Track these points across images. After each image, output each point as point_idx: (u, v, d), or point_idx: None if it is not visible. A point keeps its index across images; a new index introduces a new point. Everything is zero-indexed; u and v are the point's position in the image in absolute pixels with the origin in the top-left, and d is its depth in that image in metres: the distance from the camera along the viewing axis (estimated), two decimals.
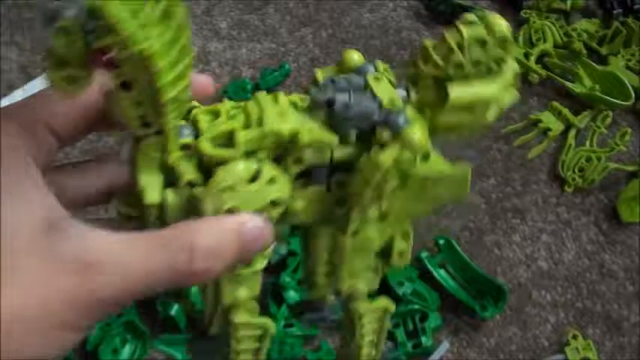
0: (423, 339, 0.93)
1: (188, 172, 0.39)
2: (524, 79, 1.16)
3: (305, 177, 0.42)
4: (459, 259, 0.98)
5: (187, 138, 0.40)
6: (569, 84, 1.14)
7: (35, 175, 0.37)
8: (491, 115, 0.42)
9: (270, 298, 0.97)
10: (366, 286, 0.48)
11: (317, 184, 0.42)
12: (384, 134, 0.39)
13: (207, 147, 0.39)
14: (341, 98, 0.40)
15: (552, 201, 1.06)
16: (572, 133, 1.10)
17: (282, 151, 0.40)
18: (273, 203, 0.40)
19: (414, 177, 0.41)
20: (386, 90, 0.41)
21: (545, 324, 0.97)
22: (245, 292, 0.43)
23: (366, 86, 0.41)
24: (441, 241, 0.99)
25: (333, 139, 0.40)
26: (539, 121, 1.10)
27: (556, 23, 1.20)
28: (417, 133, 0.39)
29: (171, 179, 0.40)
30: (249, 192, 0.39)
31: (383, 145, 0.39)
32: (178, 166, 0.39)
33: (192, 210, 0.39)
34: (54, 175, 0.41)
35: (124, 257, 0.36)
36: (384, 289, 0.96)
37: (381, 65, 0.44)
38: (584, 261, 1.02)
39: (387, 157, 0.39)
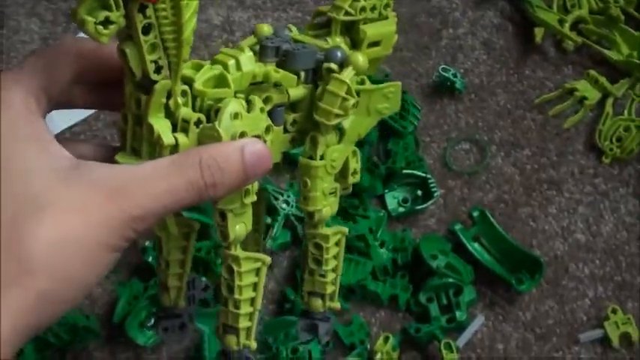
0: (458, 313, 0.91)
1: (193, 113, 0.46)
2: (558, 46, 1.13)
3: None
4: (493, 232, 0.95)
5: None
6: (606, 51, 1.10)
7: (49, 132, 0.43)
8: (391, 47, 0.58)
9: (299, 271, 0.95)
10: (331, 209, 0.56)
11: (276, 125, 0.51)
12: (331, 66, 0.51)
13: (205, 89, 0.47)
14: (287, 46, 0.51)
15: (589, 172, 1.03)
16: (610, 101, 1.07)
17: (250, 92, 0.49)
18: (267, 129, 0.49)
19: (361, 93, 0.52)
20: (310, 41, 0.54)
21: (583, 298, 0.94)
22: (243, 228, 0.50)
23: (295, 41, 0.53)
24: (475, 213, 0.96)
25: (293, 76, 0.51)
26: (575, 89, 1.07)
27: None
28: (360, 56, 0.51)
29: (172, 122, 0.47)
30: (251, 118, 0.47)
31: (327, 79, 0.51)
32: (181, 109, 0.46)
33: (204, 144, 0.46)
34: None
35: (147, 179, 0.42)
36: (418, 261, 0.94)
37: (293, 28, 0.55)
38: (623, 233, 0.99)
39: (346, 75, 0.50)
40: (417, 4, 1.17)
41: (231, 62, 0.48)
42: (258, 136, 0.48)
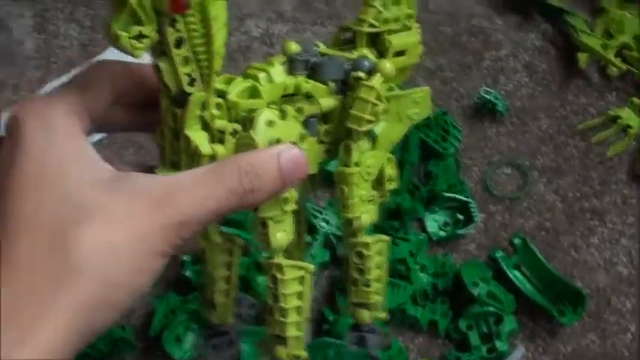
0: (498, 343, 0.90)
1: (228, 124, 0.47)
2: (602, 72, 1.12)
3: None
4: (535, 261, 0.94)
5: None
6: None
7: (91, 148, 0.44)
8: (416, 56, 0.58)
9: (339, 292, 0.94)
10: (370, 217, 0.57)
11: (310, 136, 0.52)
12: (359, 74, 0.52)
13: (239, 100, 0.48)
14: (315, 59, 0.52)
15: (632, 202, 1.02)
16: None
17: (282, 104, 0.50)
18: (301, 137, 0.50)
19: (391, 99, 0.53)
20: (337, 53, 0.55)
21: (625, 333, 0.94)
22: (284, 236, 0.51)
23: (322, 55, 0.55)
24: (517, 241, 0.96)
25: (323, 87, 0.52)
26: (618, 117, 1.06)
27: (636, 14, 1.15)
28: (387, 64, 0.52)
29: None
30: (285, 126, 0.49)
31: (357, 87, 0.52)
32: (216, 120, 0.47)
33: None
34: None
35: (188, 187, 0.43)
36: (458, 287, 0.93)
37: (320, 44, 0.56)
38: None
39: (374, 81, 0.52)
40: (459, 23, 1.17)
41: (262, 75, 0.49)
42: (293, 143, 0.49)
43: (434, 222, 1.00)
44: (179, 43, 0.44)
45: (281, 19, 1.20)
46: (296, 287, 0.52)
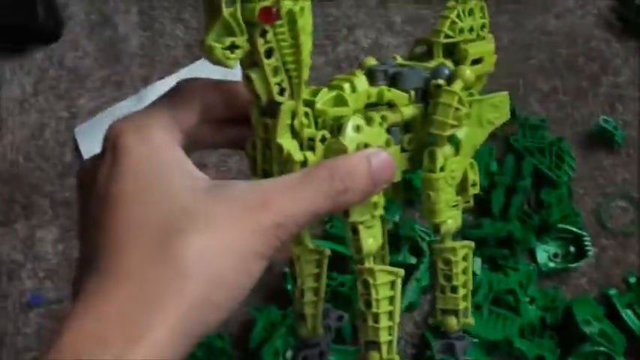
0: None
1: (317, 131, 0.49)
2: None
3: None
4: None
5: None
6: None
7: (188, 159, 0.47)
8: (492, 64, 0.60)
9: None
10: (455, 223, 0.58)
11: (394, 144, 0.53)
12: (439, 81, 0.54)
13: (327, 108, 0.49)
14: (395, 69, 0.54)
15: None
16: None
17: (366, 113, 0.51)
18: (387, 143, 0.52)
19: (472, 104, 0.55)
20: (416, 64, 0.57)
21: None
22: (374, 241, 0.51)
23: (401, 65, 0.56)
24: (632, 280, 0.93)
25: (404, 95, 0.54)
26: None
27: None
28: (467, 69, 0.54)
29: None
30: (371, 131, 0.50)
31: (436, 94, 0.54)
32: (306, 128, 0.49)
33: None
34: None
35: (285, 190, 0.45)
36: (568, 323, 0.90)
37: (397, 56, 0.59)
38: None
39: (456, 86, 0.53)
40: (576, 46, 1.13)
41: (346, 85, 0.51)
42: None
43: (544, 252, 0.97)
44: (269, 53, 0.46)
45: (391, 30, 1.18)
46: (388, 292, 0.53)
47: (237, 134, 0.52)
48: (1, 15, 1.20)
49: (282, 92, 0.47)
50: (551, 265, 0.97)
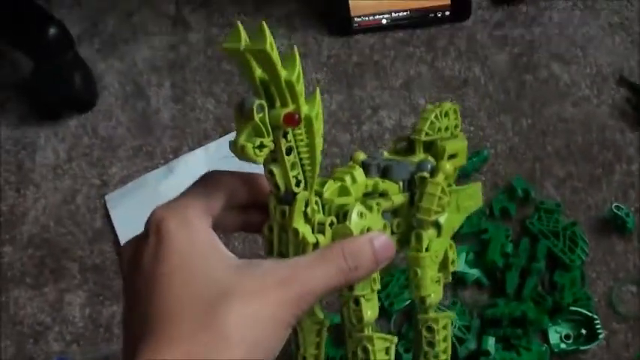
0: None
1: (326, 217, 0.57)
2: None
3: None
4: None
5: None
6: None
7: (219, 240, 0.54)
8: (465, 159, 0.70)
9: None
10: (437, 296, 0.66)
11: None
12: (424, 174, 0.64)
13: (334, 197, 0.58)
14: (385, 163, 0.64)
15: None
16: None
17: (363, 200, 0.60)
18: (384, 227, 0.60)
19: (451, 193, 0.65)
20: (401, 159, 0.66)
21: None
22: (373, 312, 0.59)
23: (389, 160, 0.65)
24: None
25: (396, 186, 0.63)
26: None
27: None
28: (447, 164, 0.65)
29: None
30: (372, 217, 0.58)
31: (421, 185, 0.64)
32: (318, 215, 0.57)
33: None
34: None
35: (306, 267, 0.52)
36: None
37: (385, 152, 0.67)
38: None
39: (439, 178, 0.63)
40: (591, 135, 1.17)
41: (348, 177, 0.60)
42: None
43: (556, 333, 1.00)
44: (289, 151, 0.53)
45: (414, 112, 1.22)
46: (384, 356, 0.61)
47: (253, 219, 0.59)
48: (39, 83, 1.25)
49: (298, 184, 0.54)
50: (563, 346, 1.00)
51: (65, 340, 1.11)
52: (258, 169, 0.54)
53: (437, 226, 0.65)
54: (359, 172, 0.61)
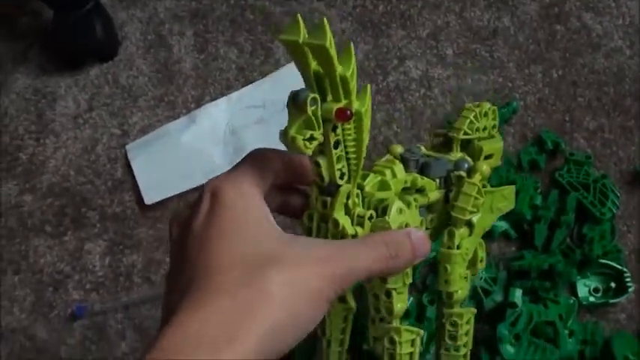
0: None
1: (366, 210, 0.57)
2: None
3: None
4: None
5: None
6: None
7: (270, 214, 0.55)
8: (500, 159, 0.71)
9: (483, 347, 0.93)
10: (463, 293, 0.67)
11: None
12: (461, 173, 0.65)
13: (375, 192, 0.59)
14: (424, 159, 0.65)
15: None
16: None
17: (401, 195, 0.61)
18: (421, 223, 0.62)
19: (486, 194, 0.65)
20: (439, 155, 0.68)
21: None
22: (403, 305, 0.61)
23: (427, 155, 0.67)
24: None
25: (433, 183, 0.65)
26: None
27: None
28: (484, 164, 0.66)
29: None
30: (411, 213, 0.59)
31: (458, 186, 0.65)
32: (357, 207, 0.57)
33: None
34: None
35: (349, 249, 0.54)
36: (606, 358, 0.91)
37: (422, 147, 0.68)
38: None
39: (476, 179, 0.64)
40: (623, 86, 1.14)
41: (388, 171, 0.61)
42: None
43: (584, 286, 0.98)
44: (337, 145, 0.53)
45: (442, 62, 1.20)
46: (409, 348, 0.62)
47: (292, 202, 0.61)
48: (60, 32, 1.23)
49: (342, 176, 0.55)
50: (592, 299, 0.97)
51: (85, 288, 1.10)
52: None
53: (469, 225, 0.66)
54: (399, 168, 0.62)
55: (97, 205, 1.15)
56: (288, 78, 1.21)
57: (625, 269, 0.97)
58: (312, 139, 0.51)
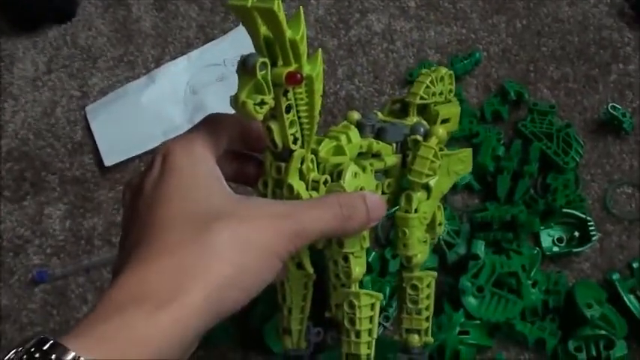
0: None
1: (321, 175, 0.58)
2: None
3: None
4: None
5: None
6: None
7: (221, 175, 0.55)
8: (457, 124, 0.72)
9: (446, 300, 0.92)
10: (422, 257, 0.67)
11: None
12: (417, 137, 0.65)
13: (329, 156, 0.59)
14: (380, 124, 0.65)
15: None
16: None
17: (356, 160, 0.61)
18: (377, 187, 0.63)
19: (442, 157, 0.64)
20: (395, 120, 0.68)
21: None
22: (361, 270, 0.61)
23: (383, 121, 0.67)
24: (635, 265, 0.92)
25: (389, 147, 0.65)
26: None
27: None
28: (441, 128, 0.65)
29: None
30: (366, 177, 0.60)
31: (414, 150, 0.65)
32: (312, 172, 0.58)
33: None
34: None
35: (303, 208, 0.54)
36: (569, 307, 0.90)
37: (379, 113, 0.69)
38: None
39: (432, 142, 0.64)
40: (588, 34, 1.13)
41: (343, 137, 0.60)
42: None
43: (548, 236, 0.97)
44: (289, 109, 0.54)
45: (404, 15, 1.18)
46: (369, 312, 0.62)
47: (247, 170, 0.61)
48: None
49: (295, 141, 0.55)
50: (555, 249, 0.97)
51: (45, 253, 1.08)
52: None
53: (427, 188, 0.65)
54: (354, 133, 0.61)
55: (57, 169, 1.13)
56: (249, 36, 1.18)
57: (589, 218, 0.96)
58: (262, 103, 0.51)
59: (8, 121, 1.18)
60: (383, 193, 0.65)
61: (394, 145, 0.66)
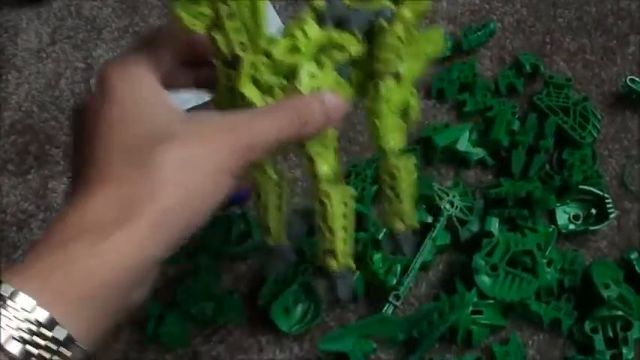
0: (624, 350, 0.84)
1: (275, 79, 0.55)
2: None
3: None
4: None
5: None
6: None
7: (166, 93, 0.53)
8: (428, 4, 0.63)
9: (458, 279, 0.89)
10: (397, 144, 0.65)
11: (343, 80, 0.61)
12: (381, 22, 0.60)
13: (283, 58, 0.55)
14: (342, 11, 0.60)
15: None
16: None
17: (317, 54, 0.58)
18: (337, 82, 0.59)
19: (411, 40, 0.62)
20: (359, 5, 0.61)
21: None
22: (329, 167, 0.60)
23: (348, 7, 0.60)
24: None
25: (353, 38, 0.60)
26: None
27: None
28: (407, 10, 0.60)
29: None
30: (323, 75, 0.57)
31: (381, 33, 0.60)
32: (266, 77, 0.55)
33: None
34: None
35: (255, 117, 0.53)
36: (586, 286, 0.88)
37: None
38: None
39: (397, 27, 0.60)
40: (605, 4, 1.10)
41: (299, 33, 0.57)
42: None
43: (564, 214, 0.94)
44: (231, 16, 0.51)
45: None
46: (341, 209, 0.61)
47: (204, 75, 0.59)
48: None
49: (243, 48, 0.54)
50: (572, 227, 0.94)
51: None
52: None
53: (397, 77, 0.63)
54: (311, 26, 0.58)
55: (61, 142, 1.11)
56: None
57: (606, 195, 0.93)
58: (200, 14, 0.50)
59: (12, 93, 1.15)
60: (351, 84, 0.63)
61: (359, 33, 0.61)
